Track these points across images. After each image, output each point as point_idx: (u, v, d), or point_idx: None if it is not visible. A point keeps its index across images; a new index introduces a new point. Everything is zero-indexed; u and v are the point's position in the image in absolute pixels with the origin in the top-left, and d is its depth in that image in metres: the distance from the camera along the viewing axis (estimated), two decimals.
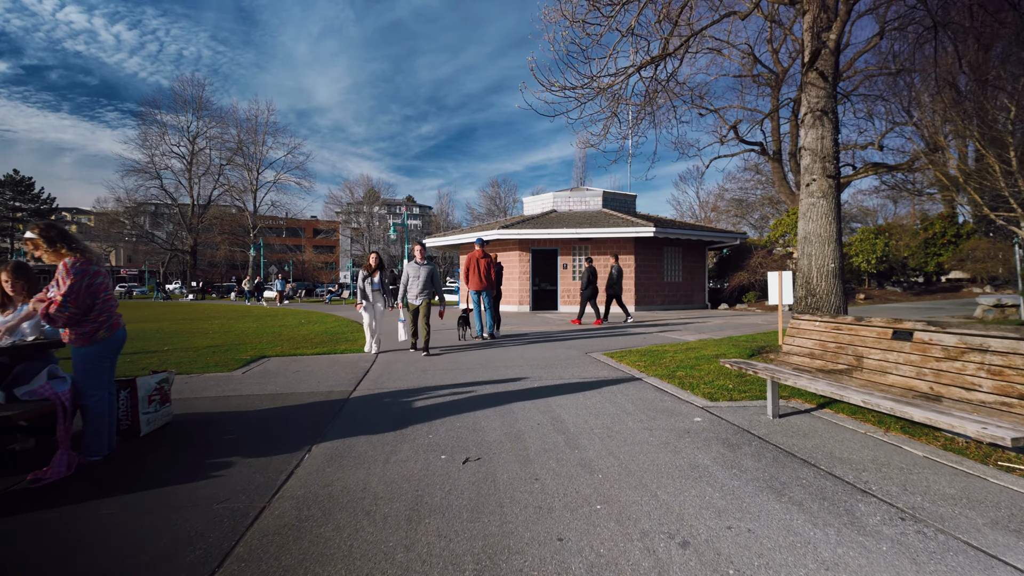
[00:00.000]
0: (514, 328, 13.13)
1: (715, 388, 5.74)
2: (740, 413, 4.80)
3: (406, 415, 4.96)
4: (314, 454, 3.91)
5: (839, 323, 4.19)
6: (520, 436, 4.23)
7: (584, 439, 4.13)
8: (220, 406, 5.43)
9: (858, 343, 3.94)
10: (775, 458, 3.62)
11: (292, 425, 4.71)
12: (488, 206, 72.90)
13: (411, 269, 8.83)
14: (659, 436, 4.17)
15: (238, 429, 4.61)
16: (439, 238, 24.55)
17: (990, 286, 22.85)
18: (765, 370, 4.28)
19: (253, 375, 7.15)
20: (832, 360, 4.12)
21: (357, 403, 5.49)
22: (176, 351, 9.48)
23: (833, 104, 7.19)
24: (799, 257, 7.41)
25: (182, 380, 6.78)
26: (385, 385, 6.34)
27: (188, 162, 55.50)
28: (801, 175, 7.41)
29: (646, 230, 19.03)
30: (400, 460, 3.73)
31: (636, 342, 10.02)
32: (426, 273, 8.79)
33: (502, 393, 5.82)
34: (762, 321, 14.55)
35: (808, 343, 4.47)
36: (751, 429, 4.30)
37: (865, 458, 3.59)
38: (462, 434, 4.31)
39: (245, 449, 4.06)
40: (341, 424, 4.70)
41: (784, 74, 26.88)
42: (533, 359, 8.12)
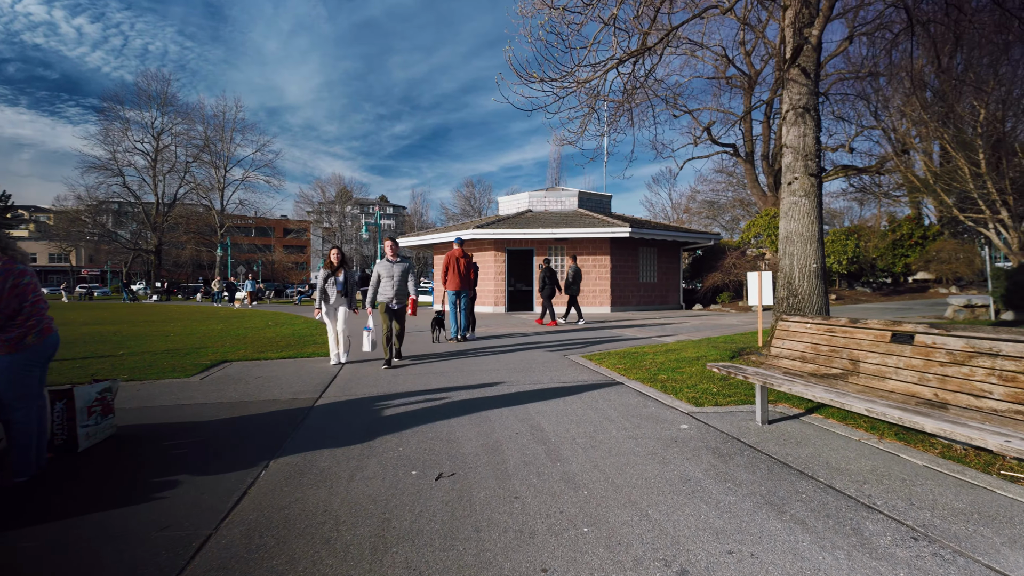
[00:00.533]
0: (490, 330, 12.83)
1: (699, 392, 5.53)
2: (728, 419, 4.59)
3: (375, 425, 4.62)
4: (272, 471, 3.56)
5: (832, 325, 4.00)
6: (498, 447, 3.94)
7: (566, 450, 3.85)
8: (172, 416, 5.02)
9: (853, 346, 3.75)
10: (770, 469, 3.40)
11: (250, 437, 4.34)
12: (463, 206, 72.47)
13: (383, 268, 7.77)
14: (645, 446, 3.92)
15: (190, 442, 4.22)
16: (413, 238, 24.11)
17: (955, 287, 23.36)
18: (756, 375, 4.06)
19: (212, 381, 6.72)
20: (825, 364, 3.92)
21: (322, 412, 5.12)
22: (132, 355, 8.95)
23: (815, 101, 7.06)
24: (781, 257, 7.26)
25: (134, 388, 6.32)
26: (353, 392, 5.98)
27: (152, 159, 53.81)
28: (783, 173, 7.27)
29: (622, 230, 18.91)
30: (366, 477, 3.41)
31: (615, 344, 9.81)
32: (401, 271, 7.77)
33: (478, 399, 5.51)
34: (738, 322, 14.52)
35: (799, 346, 4.28)
36: (741, 437, 4.08)
37: (864, 468, 3.39)
38: (435, 446, 4.00)
39: (195, 465, 3.68)
40: (304, 436, 4.35)
41: (757, 77, 27.11)
42: (510, 362, 7.83)
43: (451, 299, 10.69)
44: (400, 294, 7.79)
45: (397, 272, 7.76)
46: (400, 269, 7.81)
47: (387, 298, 7.71)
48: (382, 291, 7.71)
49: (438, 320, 10.45)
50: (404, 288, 7.85)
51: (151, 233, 54.62)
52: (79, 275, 69.31)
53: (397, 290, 7.74)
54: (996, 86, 12.18)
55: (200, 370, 7.46)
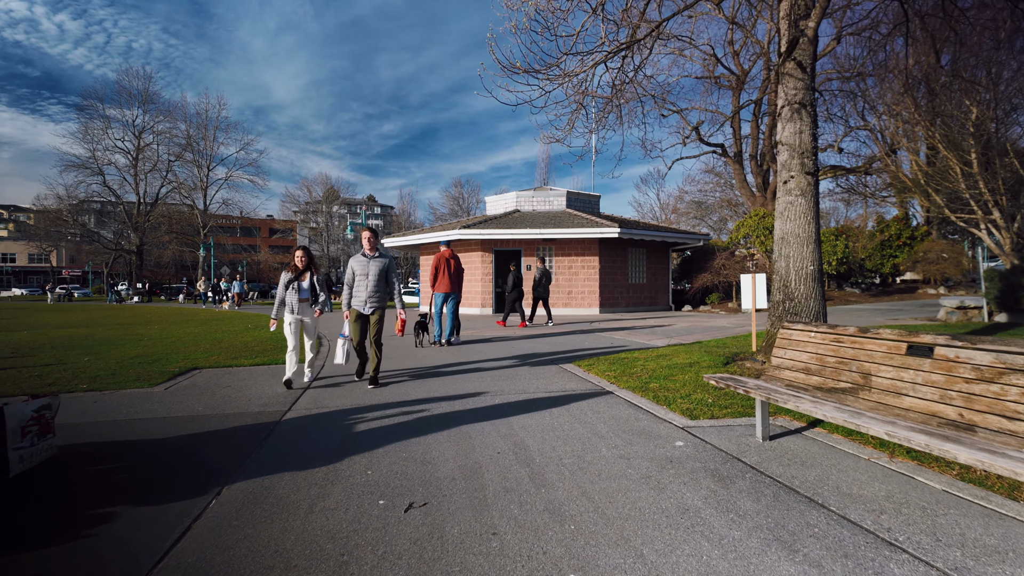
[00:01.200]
0: (475, 333, 12.46)
1: (693, 403, 5.21)
2: (725, 435, 4.27)
3: (344, 443, 4.25)
4: (223, 500, 3.18)
5: (840, 334, 3.69)
6: (477, 470, 3.58)
7: (552, 473, 3.51)
8: (126, 433, 4.61)
9: (864, 358, 3.44)
10: (776, 496, 3.07)
11: (206, 458, 3.96)
12: (451, 206, 71.91)
13: (357, 264, 6.43)
14: (638, 467, 3.59)
15: (138, 465, 3.83)
16: (399, 237, 23.68)
17: (943, 287, 23.34)
18: (758, 389, 3.75)
19: (177, 392, 6.30)
20: (833, 377, 3.61)
21: (289, 427, 4.74)
22: (97, 362, 8.49)
23: (812, 96, 6.78)
24: (776, 259, 6.98)
25: (90, 399, 5.90)
26: (325, 404, 5.59)
27: (133, 158, 52.79)
28: (778, 172, 6.99)
29: (611, 231, 18.62)
30: (328, 508, 3.04)
31: (603, 347, 9.49)
32: (378, 269, 6.39)
33: (459, 412, 5.16)
34: (728, 323, 14.27)
35: (802, 356, 3.97)
36: (741, 456, 3.76)
37: (878, 494, 3.08)
38: (408, 468, 3.64)
39: (139, 493, 3.30)
40: (265, 456, 3.97)
41: (745, 76, 27.01)
42: (494, 369, 7.48)
43: (438, 301, 10.32)
44: (375, 297, 6.40)
45: (373, 270, 6.36)
46: (377, 267, 6.40)
47: (359, 302, 6.40)
48: (355, 293, 6.45)
49: (422, 323, 10.07)
50: (382, 290, 6.46)
51: (132, 233, 53.61)
52: (59, 276, 67.96)
53: (371, 292, 6.36)
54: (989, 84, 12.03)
55: (166, 379, 7.04)
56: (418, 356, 8.83)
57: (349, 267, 6.49)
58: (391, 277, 6.57)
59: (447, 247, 10.44)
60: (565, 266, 19.62)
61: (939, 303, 13.45)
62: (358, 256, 6.53)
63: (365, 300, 6.39)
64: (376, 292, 6.43)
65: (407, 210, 79.43)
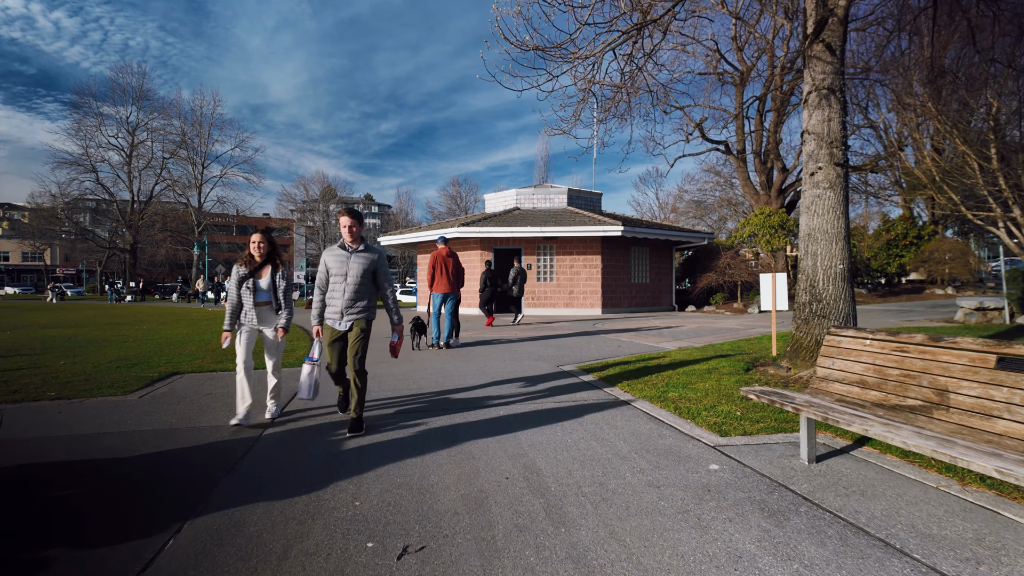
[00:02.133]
0: (475, 335, 11.94)
1: (721, 416, 4.70)
2: (765, 456, 3.75)
3: (331, 464, 3.72)
4: (182, 541, 2.66)
5: (904, 343, 3.18)
6: (483, 501, 3.07)
7: (571, 505, 2.99)
8: (85, 450, 4.09)
9: (938, 371, 2.93)
10: (843, 538, 2.56)
11: (171, 482, 3.44)
12: (449, 205, 71.39)
13: (333, 261, 4.59)
14: (672, 498, 3.07)
15: (90, 491, 3.30)
16: (396, 236, 23.14)
17: (951, 287, 22.89)
18: (809, 407, 3.23)
19: (152, 400, 5.78)
20: (897, 393, 3.10)
21: (270, 444, 4.22)
22: (73, 365, 7.95)
23: (841, 81, 6.28)
24: (802, 257, 6.48)
25: (54, 409, 5.38)
26: (311, 413, 5.07)
27: (127, 155, 52.12)
28: (804, 163, 6.48)
29: (614, 229, 18.10)
30: (306, 552, 2.52)
31: (611, 351, 8.97)
32: (361, 268, 4.55)
33: (459, 427, 4.64)
34: (737, 325, 13.77)
35: (855, 367, 3.45)
36: (789, 483, 3.25)
37: (965, 536, 2.57)
38: (403, 498, 3.12)
39: (85, 530, 2.78)
40: (238, 481, 3.44)
41: (749, 73, 26.50)
42: (497, 375, 6.96)
43: (436, 303, 9.81)
44: (357, 306, 4.53)
45: (355, 268, 4.54)
46: (360, 264, 4.56)
47: (334, 312, 4.54)
48: (330, 299, 4.58)
49: (418, 325, 9.55)
50: (367, 296, 4.61)
51: (126, 231, 52.94)
52: (54, 274, 67.26)
53: (351, 299, 4.51)
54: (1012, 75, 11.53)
55: (143, 385, 6.51)
56: (415, 360, 8.30)
57: (322, 264, 4.64)
58: (381, 279, 4.72)
59: (445, 244, 9.92)
60: (567, 265, 19.10)
61: (956, 304, 12.98)
62: (334, 249, 4.65)
63: (342, 311, 4.50)
64: (358, 300, 4.54)
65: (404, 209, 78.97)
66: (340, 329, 4.56)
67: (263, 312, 4.91)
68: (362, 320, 4.56)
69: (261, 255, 4.93)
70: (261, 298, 4.86)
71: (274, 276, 4.91)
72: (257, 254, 4.92)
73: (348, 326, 4.55)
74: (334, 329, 4.58)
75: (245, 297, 4.80)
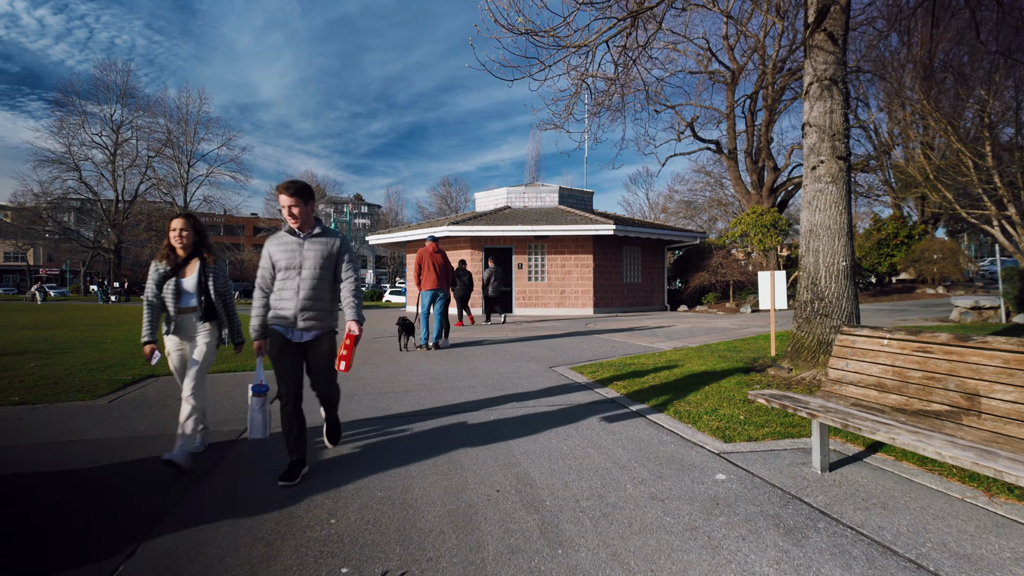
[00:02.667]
0: (464, 335, 11.66)
1: (723, 420, 4.45)
2: (773, 463, 3.51)
3: (307, 475, 3.43)
4: (131, 568, 2.37)
5: (927, 342, 2.94)
6: (471, 518, 2.79)
7: (568, 521, 2.73)
8: (42, 461, 3.78)
9: (965, 373, 2.69)
10: (870, 560, 2.31)
11: (132, 497, 3.14)
12: (439, 205, 70.90)
13: (280, 251, 3.53)
14: (678, 513, 2.81)
15: (41, 508, 3.00)
16: (384, 235, 22.79)
17: (942, 287, 22.90)
18: (825, 412, 2.98)
19: (122, 405, 5.45)
20: (921, 397, 2.87)
21: (244, 453, 3.93)
22: (45, 368, 7.60)
23: (843, 72, 6.07)
24: (803, 254, 6.26)
25: (16, 415, 5.05)
26: None
27: (111, 153, 51.26)
28: (805, 157, 6.27)
29: (606, 228, 17.88)
30: None
31: (605, 352, 8.73)
32: (319, 258, 3.52)
33: (447, 431, 4.36)
34: (731, 325, 13.58)
35: (872, 369, 3.22)
36: (803, 495, 3.00)
37: (1002, 555, 2.34)
38: (383, 514, 2.84)
39: (28, 554, 2.48)
40: (206, 494, 3.15)
41: (740, 71, 26.41)
42: (487, 377, 6.69)
43: (425, 301, 9.51)
44: (315, 308, 3.49)
45: (312, 258, 3.50)
46: (318, 252, 3.52)
47: (283, 318, 3.45)
48: (277, 302, 3.49)
49: (405, 325, 9.25)
50: (327, 294, 3.57)
51: (111, 231, 52.08)
52: (36, 274, 66.15)
53: (308, 298, 3.46)
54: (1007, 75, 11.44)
55: (113, 389, 6.18)
56: (403, 361, 8.01)
57: (264, 256, 3.56)
58: (344, 269, 3.61)
59: (432, 241, 9.64)
60: (558, 264, 18.86)
61: (951, 303, 12.87)
62: (281, 236, 3.57)
63: (295, 315, 3.42)
64: (317, 300, 3.48)
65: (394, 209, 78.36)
66: (293, 341, 3.45)
67: (187, 321, 3.85)
68: (324, 325, 3.55)
69: (185, 247, 3.85)
70: (186, 302, 3.81)
71: (203, 274, 3.83)
72: (179, 246, 3.83)
73: (308, 333, 3.49)
74: (285, 340, 3.45)
75: (167, 299, 3.77)
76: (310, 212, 3.55)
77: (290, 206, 3.44)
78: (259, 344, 3.56)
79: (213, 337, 3.86)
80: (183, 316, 3.83)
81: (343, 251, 3.63)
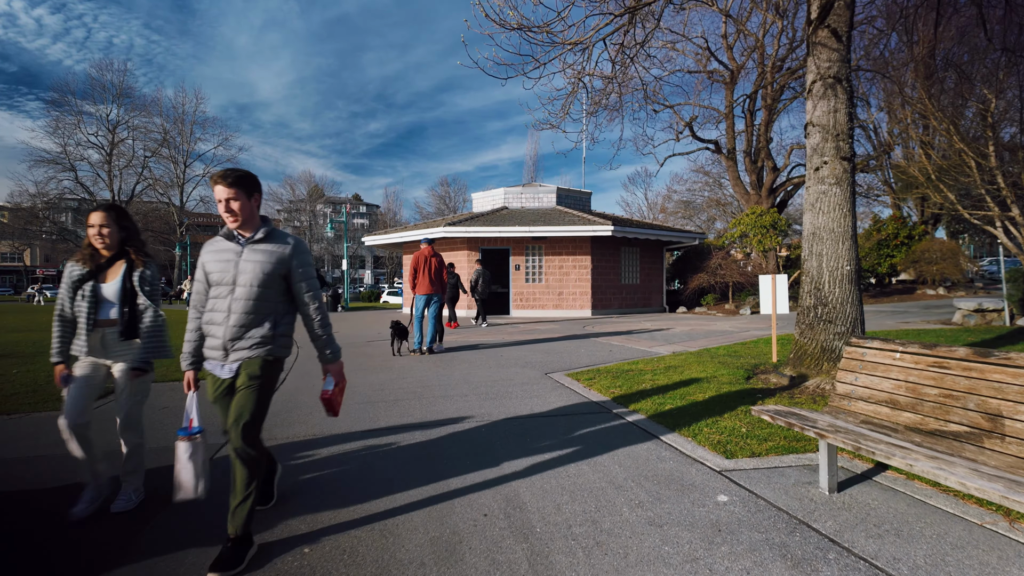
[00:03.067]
0: (460, 338, 11.46)
1: (724, 433, 4.26)
2: (778, 483, 3.31)
3: (284, 494, 3.24)
4: None
5: (944, 357, 2.75)
6: (455, 546, 2.60)
7: (559, 551, 2.53)
8: (7, 479, 3.58)
9: (987, 392, 2.50)
10: None
11: (97, 520, 2.94)
12: (438, 205, 70.74)
13: (214, 260, 2.75)
14: (677, 541, 2.62)
15: None
16: (381, 235, 22.57)
17: (942, 288, 22.73)
18: (836, 432, 2.79)
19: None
20: (937, 416, 2.68)
21: (221, 469, 3.72)
22: (27, 373, 7.41)
23: (847, 70, 5.88)
24: (806, 258, 6.07)
25: None
26: (273, 432, 4.57)
27: (107, 153, 50.99)
28: (808, 157, 6.08)
29: (604, 229, 17.69)
30: None
31: (602, 356, 8.53)
32: (259, 272, 2.69)
33: (436, 447, 4.16)
34: (730, 327, 13.39)
35: (884, 384, 3.03)
36: (811, 520, 2.81)
37: None
38: (360, 542, 2.65)
39: None
40: (172, 519, 2.95)
41: (739, 71, 26.24)
42: (480, 384, 6.49)
43: (419, 305, 9.33)
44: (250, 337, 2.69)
45: (248, 273, 2.69)
46: (257, 265, 2.70)
47: (214, 348, 2.72)
48: (205, 326, 2.77)
49: (399, 329, 9.06)
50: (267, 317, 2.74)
51: None
52: (33, 275, 65.88)
53: (240, 324, 2.67)
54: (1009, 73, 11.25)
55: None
56: (395, 367, 7.81)
57: (199, 267, 2.81)
58: (299, 285, 2.79)
59: (428, 244, 9.45)
60: (556, 265, 18.67)
61: (953, 305, 12.69)
62: (217, 242, 2.81)
63: (224, 345, 2.67)
64: (253, 325, 2.69)
65: (393, 209, 78.23)
66: (223, 377, 2.69)
67: (108, 337, 3.09)
68: (257, 360, 2.65)
69: (108, 246, 3.12)
70: (104, 313, 3.08)
71: (127, 278, 3.10)
72: (100, 244, 3.10)
73: (235, 370, 2.67)
74: (215, 377, 2.73)
75: (80, 311, 3.05)
76: (254, 209, 2.76)
77: (228, 200, 2.65)
78: (190, 376, 2.81)
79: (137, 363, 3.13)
80: (101, 330, 3.08)
81: (296, 263, 2.75)
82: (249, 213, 2.74)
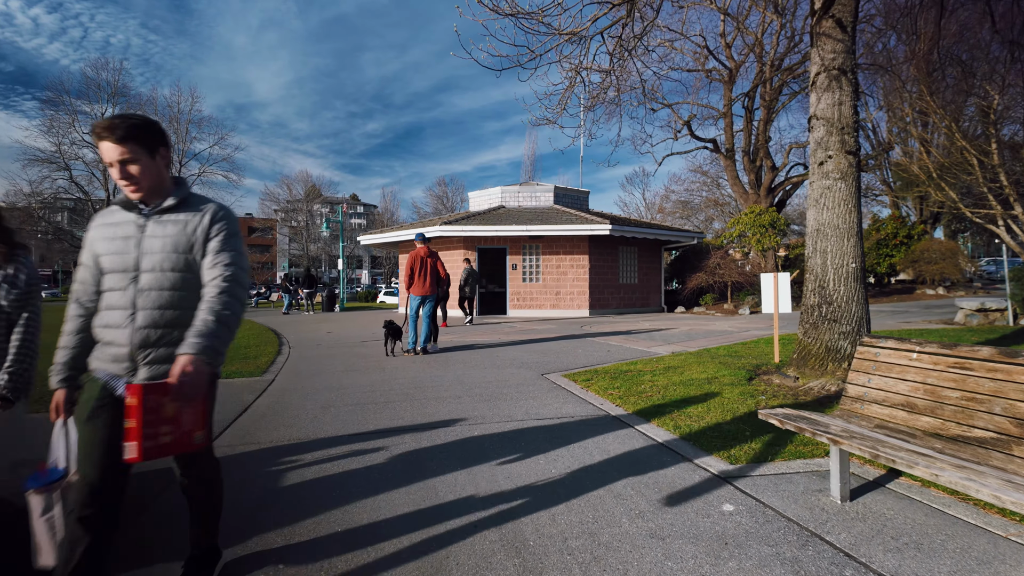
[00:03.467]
0: (455, 338, 11.27)
1: (727, 437, 4.07)
2: (786, 490, 3.13)
3: (264, 505, 3.04)
4: None
5: (965, 357, 2.57)
6: (441, 563, 2.41)
7: (553, 568, 2.34)
8: None
9: (1014, 394, 2.33)
10: None
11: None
12: (435, 205, 70.54)
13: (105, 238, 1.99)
14: (681, 556, 2.43)
15: None
16: (377, 235, 22.37)
17: (942, 288, 22.60)
18: (851, 438, 2.61)
19: None
20: (959, 420, 2.50)
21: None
22: None
23: (853, 62, 5.71)
24: (810, 255, 5.90)
25: None
26: (257, 436, 4.37)
27: None
28: (811, 152, 5.91)
29: (601, 228, 17.50)
30: None
31: (600, 357, 8.35)
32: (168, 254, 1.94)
33: (426, 452, 3.97)
34: (730, 327, 13.22)
35: (901, 386, 2.84)
36: (823, 532, 2.62)
37: None
38: (340, 560, 2.45)
39: None
40: (140, 533, 2.76)
41: (737, 69, 26.09)
42: (474, 385, 6.30)
43: (414, 305, 9.12)
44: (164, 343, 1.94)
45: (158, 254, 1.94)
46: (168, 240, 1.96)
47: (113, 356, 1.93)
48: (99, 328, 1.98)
49: (392, 329, 8.86)
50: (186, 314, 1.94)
51: None
52: None
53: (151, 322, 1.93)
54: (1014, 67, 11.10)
55: None
56: (388, 368, 7.61)
57: (85, 248, 2.06)
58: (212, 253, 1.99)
59: (423, 243, 9.25)
60: (553, 265, 18.48)
61: (955, 304, 12.53)
62: (113, 212, 2.06)
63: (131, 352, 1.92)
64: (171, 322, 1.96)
65: (390, 209, 78.01)
66: (119, 393, 1.95)
67: None
68: None
69: None
70: None
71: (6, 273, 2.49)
72: None
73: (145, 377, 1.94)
74: (109, 396, 1.96)
75: None
76: (162, 170, 2.00)
77: (121, 162, 1.88)
78: (60, 396, 2.05)
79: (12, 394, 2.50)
80: None
81: (215, 230, 2.01)
82: (155, 177, 1.96)
